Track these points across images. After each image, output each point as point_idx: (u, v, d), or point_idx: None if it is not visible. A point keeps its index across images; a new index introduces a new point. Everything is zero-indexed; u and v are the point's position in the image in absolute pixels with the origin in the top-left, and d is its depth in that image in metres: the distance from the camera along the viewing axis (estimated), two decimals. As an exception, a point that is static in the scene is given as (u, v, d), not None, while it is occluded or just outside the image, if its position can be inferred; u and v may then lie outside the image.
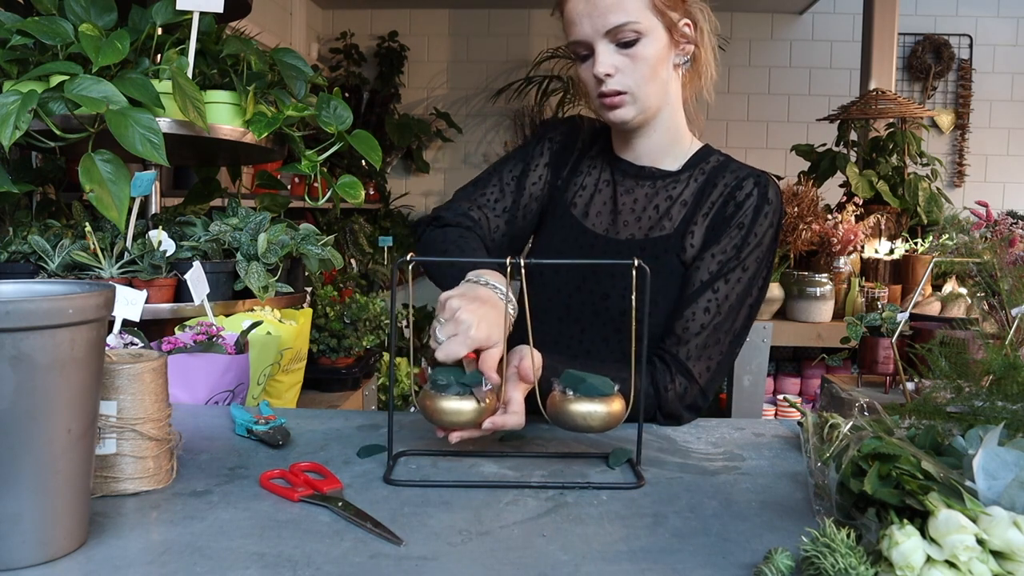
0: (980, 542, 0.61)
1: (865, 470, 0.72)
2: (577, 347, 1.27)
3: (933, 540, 0.62)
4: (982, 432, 0.73)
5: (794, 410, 2.86)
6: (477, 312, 0.93)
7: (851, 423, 0.86)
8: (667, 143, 1.30)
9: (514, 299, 1.03)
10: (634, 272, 0.91)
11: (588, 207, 1.32)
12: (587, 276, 1.26)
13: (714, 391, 1.22)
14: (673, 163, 1.30)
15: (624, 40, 1.17)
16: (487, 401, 0.90)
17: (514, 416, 0.95)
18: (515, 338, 1.00)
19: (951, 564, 0.60)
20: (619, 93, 1.19)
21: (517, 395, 0.96)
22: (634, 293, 0.92)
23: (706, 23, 1.25)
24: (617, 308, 1.23)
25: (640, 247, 1.25)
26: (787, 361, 3.65)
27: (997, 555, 0.61)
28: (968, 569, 0.59)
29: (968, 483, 0.68)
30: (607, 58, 1.17)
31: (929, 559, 0.61)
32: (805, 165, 3.76)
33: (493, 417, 0.93)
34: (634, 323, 0.92)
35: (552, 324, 1.28)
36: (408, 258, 0.93)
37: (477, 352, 0.93)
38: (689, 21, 1.23)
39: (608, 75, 1.18)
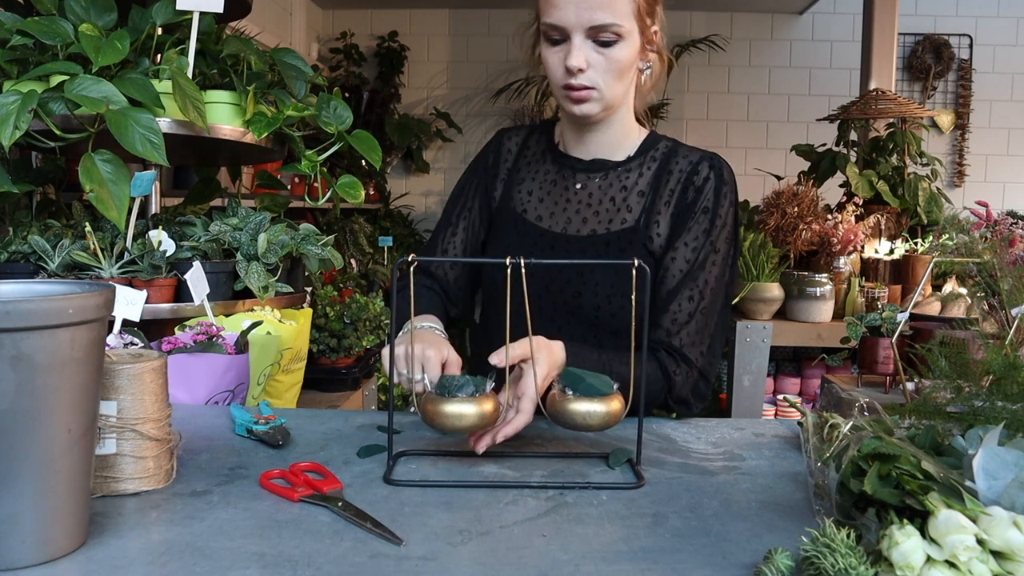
0: (980, 542, 0.61)
1: (865, 470, 0.72)
2: None
3: (933, 540, 0.62)
4: (982, 432, 0.73)
5: (794, 410, 2.86)
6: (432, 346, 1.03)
7: (851, 423, 0.86)
8: (619, 137, 1.31)
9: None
10: (634, 272, 0.91)
11: (540, 208, 1.31)
12: (555, 276, 1.27)
13: (714, 374, 1.25)
14: (622, 154, 1.31)
15: (604, 40, 1.17)
16: (490, 404, 0.90)
17: (523, 415, 0.96)
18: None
19: (951, 564, 0.60)
20: (587, 88, 1.19)
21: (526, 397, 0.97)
22: (634, 293, 0.92)
23: (663, 30, 1.27)
24: (591, 304, 1.24)
25: (604, 241, 1.26)
26: (787, 361, 3.66)
27: (997, 555, 0.61)
28: (968, 569, 0.59)
29: (968, 483, 0.68)
30: (582, 52, 1.16)
31: (929, 559, 0.61)
32: (805, 165, 3.76)
33: (506, 428, 0.95)
34: (634, 323, 0.92)
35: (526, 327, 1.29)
36: (409, 258, 0.93)
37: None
38: (658, 28, 1.24)
39: (580, 69, 1.17)
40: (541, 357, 0.98)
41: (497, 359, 0.95)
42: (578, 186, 1.30)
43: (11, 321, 0.63)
